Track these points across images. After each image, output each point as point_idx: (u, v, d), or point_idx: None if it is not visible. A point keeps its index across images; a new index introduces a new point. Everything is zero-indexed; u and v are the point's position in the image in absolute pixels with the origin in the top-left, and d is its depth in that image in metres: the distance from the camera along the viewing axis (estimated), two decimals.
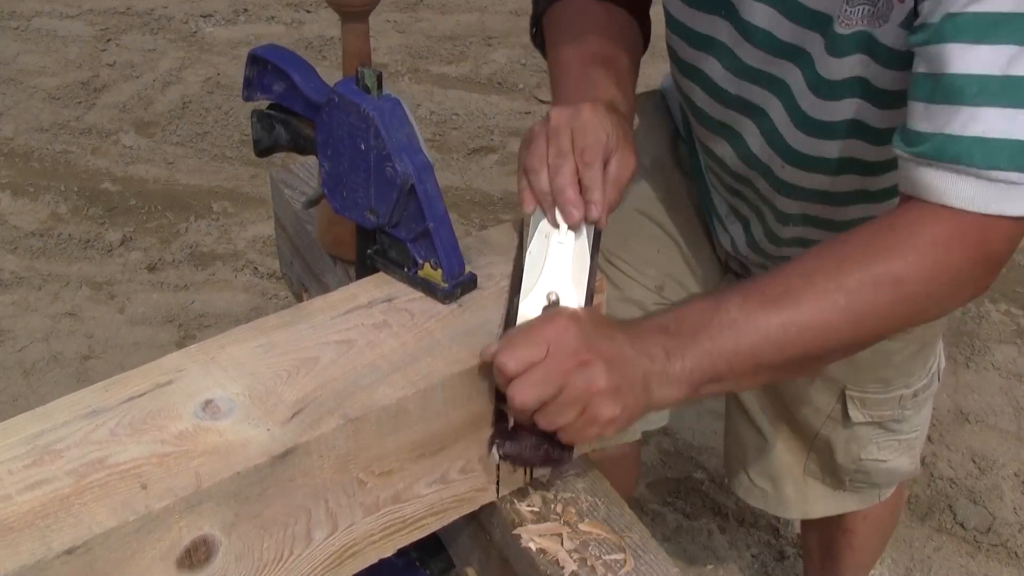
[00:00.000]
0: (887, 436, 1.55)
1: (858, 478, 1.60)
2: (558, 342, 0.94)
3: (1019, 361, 2.73)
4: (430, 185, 1.04)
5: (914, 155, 0.98)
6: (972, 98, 0.94)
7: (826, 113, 1.16)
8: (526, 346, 0.94)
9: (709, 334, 0.97)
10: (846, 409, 1.51)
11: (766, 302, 0.98)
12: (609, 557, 1.03)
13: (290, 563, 0.95)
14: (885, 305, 0.98)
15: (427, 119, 3.62)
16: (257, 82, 1.11)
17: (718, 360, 0.97)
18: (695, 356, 0.97)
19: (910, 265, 0.97)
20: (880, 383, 1.48)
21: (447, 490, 1.04)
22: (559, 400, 0.94)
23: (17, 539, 0.80)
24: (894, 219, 1.00)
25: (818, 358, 1.03)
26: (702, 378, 0.98)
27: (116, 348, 2.76)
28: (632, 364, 0.96)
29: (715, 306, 0.99)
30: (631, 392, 0.95)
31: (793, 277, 1.00)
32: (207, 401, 0.93)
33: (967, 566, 2.27)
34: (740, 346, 0.97)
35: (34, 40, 4.03)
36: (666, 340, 0.98)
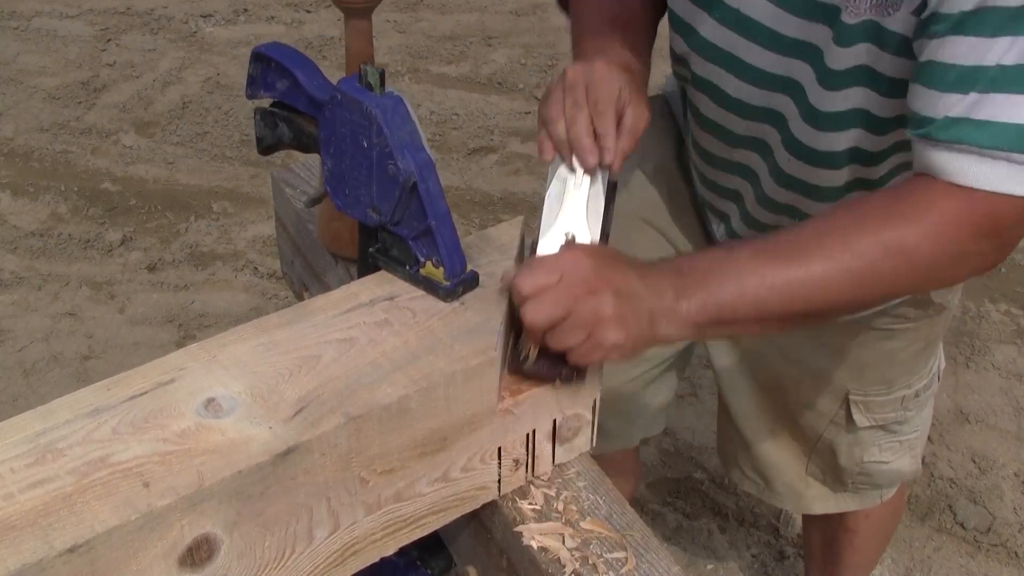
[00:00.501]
0: (889, 438, 1.55)
1: (860, 480, 1.61)
2: (571, 270, 1.00)
3: (1019, 361, 2.73)
4: (432, 183, 1.04)
5: (922, 136, 1.02)
6: (985, 86, 0.98)
7: (833, 104, 1.17)
8: (541, 272, 1.01)
9: (718, 279, 1.02)
10: (850, 413, 1.51)
11: (776, 256, 1.03)
12: (610, 556, 1.03)
13: (292, 562, 0.94)
14: (890, 270, 1.02)
15: (427, 119, 3.62)
16: (260, 80, 1.11)
17: (723, 305, 1.02)
18: (701, 298, 1.02)
19: (919, 235, 1.01)
20: (883, 384, 1.49)
21: (448, 488, 1.04)
22: (567, 322, 0.99)
23: (19, 537, 0.80)
24: (907, 191, 1.04)
25: (820, 314, 1.08)
26: (707, 320, 1.02)
27: (116, 348, 2.76)
28: (640, 298, 1.01)
29: (727, 255, 1.05)
30: (636, 323, 1.00)
31: (805, 235, 1.05)
32: (209, 399, 0.93)
33: (967, 566, 2.27)
34: (746, 295, 1.02)
35: (34, 40, 4.03)
36: (676, 280, 1.03)
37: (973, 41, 0.97)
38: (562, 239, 1.12)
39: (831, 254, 1.02)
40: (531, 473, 1.10)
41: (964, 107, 0.99)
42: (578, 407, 1.09)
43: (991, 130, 0.98)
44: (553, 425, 1.08)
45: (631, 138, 1.16)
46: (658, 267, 1.05)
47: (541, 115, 1.17)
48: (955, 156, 1.00)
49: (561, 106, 1.15)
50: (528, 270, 1.02)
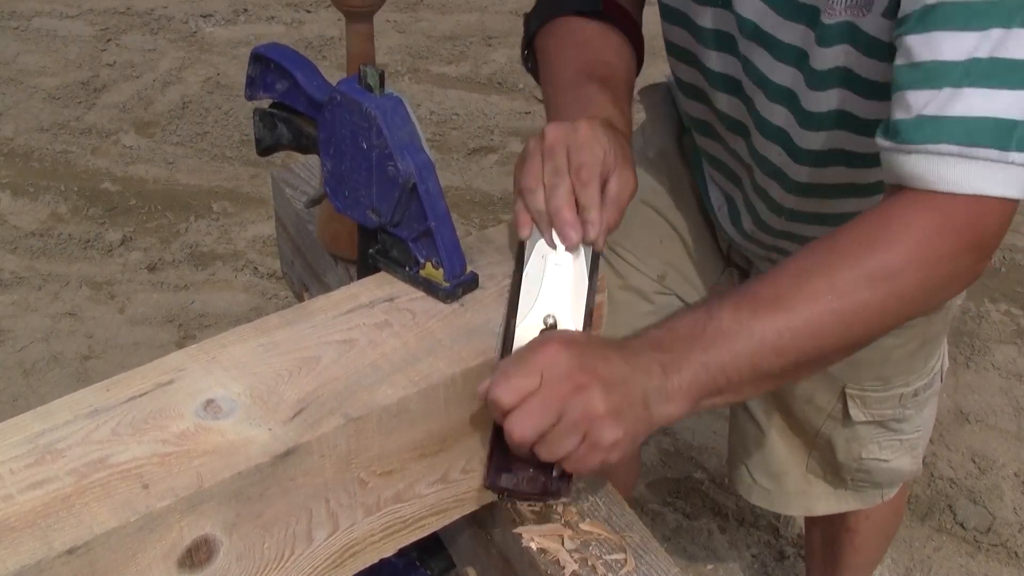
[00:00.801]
0: (888, 436, 1.55)
1: (860, 477, 1.60)
2: (552, 368, 0.91)
3: (1019, 361, 2.73)
4: (432, 184, 1.04)
5: (896, 144, 0.97)
6: (957, 80, 0.93)
7: (816, 104, 1.16)
8: (519, 376, 0.91)
9: (703, 345, 0.94)
10: (847, 408, 1.51)
11: (758, 308, 0.96)
12: (610, 557, 1.03)
13: (291, 563, 0.94)
14: (878, 302, 0.96)
15: (427, 119, 3.62)
16: (260, 81, 1.11)
17: (715, 372, 0.94)
18: (691, 370, 0.94)
19: (901, 257, 0.95)
20: (880, 381, 1.48)
21: (448, 490, 1.04)
22: (558, 428, 0.91)
23: (18, 539, 0.80)
24: (882, 211, 0.99)
25: (815, 361, 1.00)
26: (700, 392, 0.95)
27: (116, 348, 2.76)
28: (630, 383, 0.92)
29: (707, 316, 0.96)
30: (632, 412, 0.92)
31: (784, 279, 0.98)
32: (208, 401, 0.93)
33: (967, 566, 2.27)
34: (736, 355, 0.94)
35: (34, 40, 4.03)
36: (661, 356, 0.95)
37: (941, 36, 0.94)
38: (542, 324, 1.02)
39: (815, 296, 0.95)
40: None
41: (938, 104, 0.94)
42: None
43: (968, 125, 0.93)
44: None
45: (616, 210, 1.06)
46: (638, 344, 0.96)
47: (517, 182, 1.08)
48: (932, 161, 0.94)
49: (540, 173, 1.05)
50: (503, 376, 0.91)
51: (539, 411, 0.90)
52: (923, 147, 0.95)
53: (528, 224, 1.06)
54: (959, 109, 0.93)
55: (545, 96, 1.26)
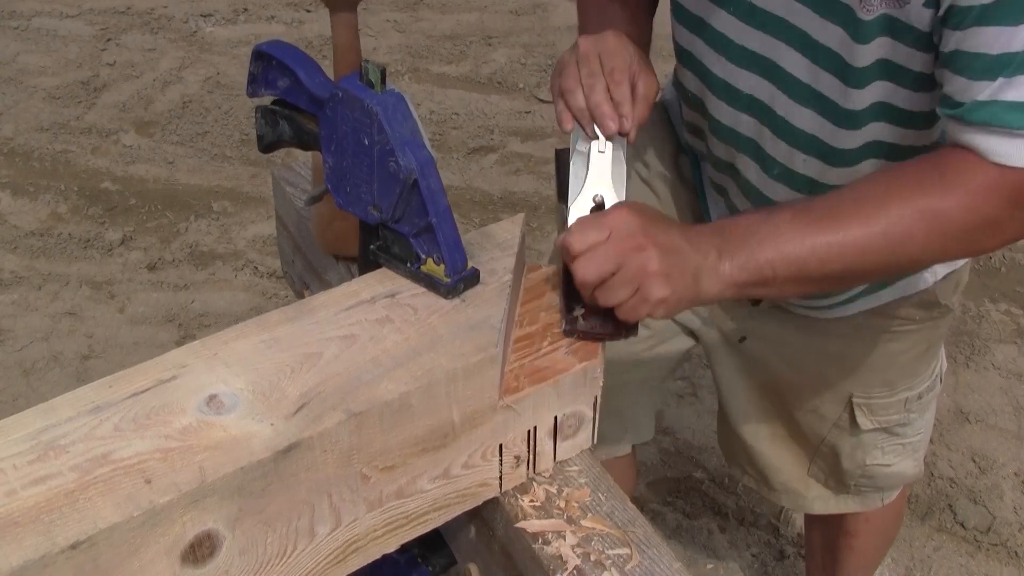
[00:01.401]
0: (892, 440, 1.56)
1: (863, 482, 1.61)
2: (619, 227, 1.05)
3: (1019, 361, 2.74)
4: (433, 180, 1.04)
5: (954, 116, 1.05)
6: (1013, 70, 1.01)
7: (854, 102, 1.18)
8: (591, 229, 1.05)
9: (759, 240, 1.06)
10: (854, 417, 1.52)
11: (814, 220, 1.07)
12: (613, 552, 1.03)
13: (293, 558, 0.95)
14: (922, 236, 1.06)
15: (427, 119, 3.62)
16: (262, 78, 1.11)
17: (764, 265, 1.06)
18: (743, 259, 1.06)
19: (953, 203, 1.05)
20: (886, 387, 1.49)
21: (450, 485, 1.04)
22: (616, 278, 1.04)
23: (22, 534, 0.80)
24: (942, 161, 1.07)
25: (855, 276, 1.13)
26: (748, 280, 1.07)
27: (116, 348, 2.76)
28: (685, 254, 1.05)
29: (767, 217, 1.08)
30: (681, 279, 1.04)
31: (843, 200, 1.08)
32: (211, 396, 0.93)
33: (967, 565, 2.27)
34: (786, 256, 1.06)
35: (34, 40, 4.03)
36: (718, 240, 1.07)
37: (997, 31, 1.00)
38: (591, 203, 1.17)
39: (868, 219, 1.06)
40: (532, 470, 1.10)
41: (992, 91, 1.02)
42: (579, 404, 1.09)
43: (1020, 111, 1.01)
44: (554, 422, 1.08)
45: (645, 105, 1.20)
46: (701, 228, 1.10)
47: (556, 87, 1.21)
48: (986, 136, 1.03)
49: (577, 77, 1.18)
50: (578, 228, 1.06)
51: (602, 259, 1.04)
52: (980, 126, 1.04)
53: (570, 120, 1.20)
54: (1013, 95, 1.01)
55: (578, 12, 1.41)
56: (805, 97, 1.21)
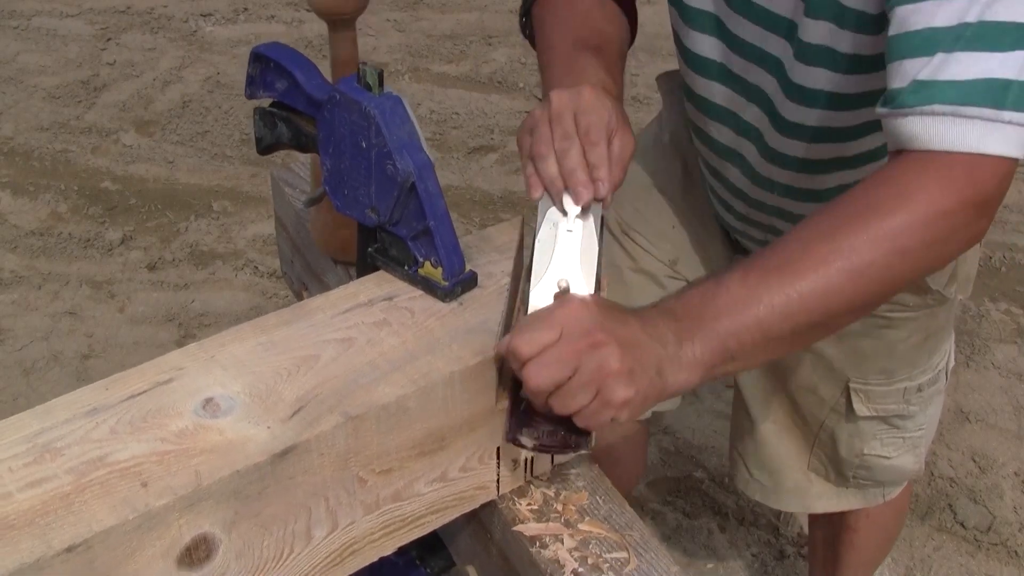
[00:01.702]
0: (891, 432, 1.55)
1: (861, 474, 1.60)
2: (571, 325, 0.95)
3: (1019, 361, 2.73)
4: (431, 183, 1.04)
5: (893, 110, 1.00)
6: (948, 45, 0.96)
7: (807, 80, 1.17)
8: (540, 329, 0.95)
9: (714, 314, 0.98)
10: (850, 402, 1.51)
11: (766, 274, 0.99)
12: (610, 555, 1.03)
13: (290, 561, 0.94)
14: (882, 261, 0.99)
15: (427, 118, 3.62)
16: (260, 80, 1.11)
17: (727, 338, 0.98)
18: (703, 338, 0.98)
19: (905, 220, 0.98)
20: (883, 374, 1.48)
21: (447, 488, 1.04)
22: (573, 382, 0.94)
23: (17, 537, 0.80)
24: (883, 174, 1.01)
25: (825, 324, 1.03)
26: (713, 359, 0.98)
27: (116, 347, 2.76)
28: (645, 348, 0.96)
29: (716, 285, 1.00)
30: (644, 375, 0.95)
31: (790, 246, 1.01)
32: (207, 399, 0.93)
33: (967, 565, 2.27)
34: (746, 321, 0.98)
35: (34, 39, 4.03)
36: (675, 325, 0.98)
37: (931, 5, 0.96)
38: (555, 288, 1.06)
39: (822, 259, 0.98)
40: (530, 473, 1.10)
41: (931, 68, 0.97)
42: None
43: (961, 88, 0.96)
44: None
45: (620, 168, 1.10)
46: (653, 313, 1.01)
47: (526, 149, 1.10)
48: (928, 122, 0.97)
49: (550, 140, 1.08)
50: (525, 329, 0.96)
51: (555, 362, 0.93)
52: (918, 109, 0.97)
53: (539, 187, 1.09)
54: (951, 72, 0.96)
55: (541, 64, 1.28)
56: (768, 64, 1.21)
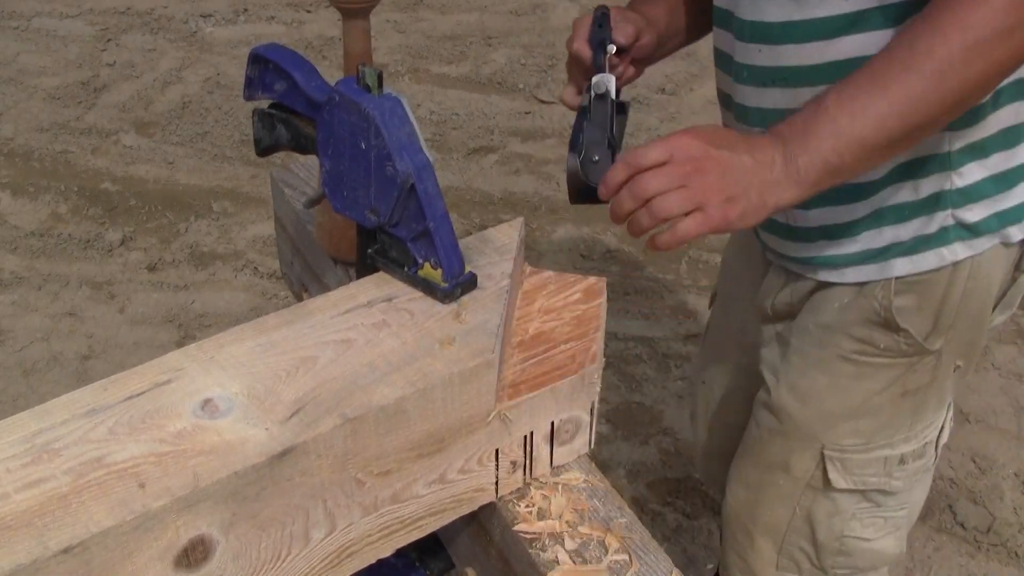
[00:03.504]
0: (872, 510, 1.47)
1: (839, 563, 1.51)
2: (681, 150, 1.08)
3: (1019, 361, 2.73)
4: (430, 184, 1.04)
5: None
6: None
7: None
8: (654, 150, 1.08)
9: (816, 132, 1.08)
10: (826, 474, 1.44)
11: (858, 91, 1.08)
12: (609, 558, 1.03)
13: (288, 563, 0.94)
14: (960, 56, 1.05)
15: (427, 119, 3.62)
16: (259, 81, 1.11)
17: (829, 155, 1.08)
18: (807, 157, 1.08)
19: (974, 11, 1.04)
20: (859, 437, 1.42)
21: (446, 490, 1.04)
22: (675, 193, 1.07)
23: (14, 538, 0.80)
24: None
25: (918, 127, 1.10)
26: (819, 176, 1.09)
27: (116, 348, 2.76)
28: (749, 173, 1.08)
29: (817, 107, 1.10)
30: (745, 198, 1.08)
31: (878, 61, 1.09)
32: (206, 400, 0.93)
33: (967, 566, 2.27)
34: (845, 138, 1.08)
35: (34, 40, 4.03)
36: (782, 148, 1.09)
37: None
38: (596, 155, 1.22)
39: (904, 66, 1.06)
40: (529, 475, 1.10)
41: None
42: (576, 409, 1.09)
43: None
44: (551, 427, 1.08)
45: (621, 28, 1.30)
46: (762, 140, 1.11)
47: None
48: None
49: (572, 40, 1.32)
50: (642, 149, 1.09)
51: (665, 176, 1.07)
52: None
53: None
54: None
55: None
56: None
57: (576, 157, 1.20)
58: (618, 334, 2.82)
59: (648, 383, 2.71)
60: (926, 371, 1.38)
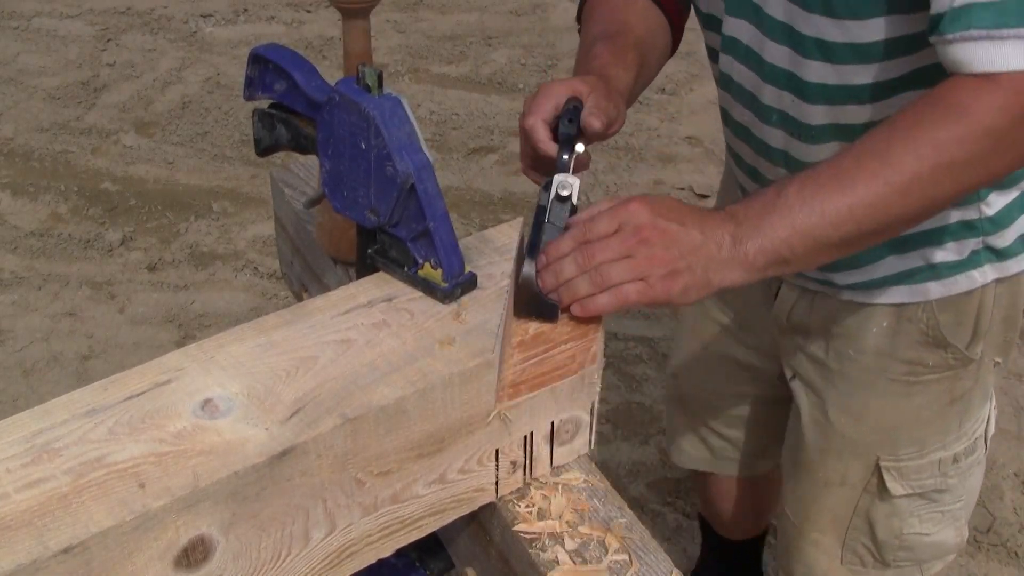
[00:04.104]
0: (930, 507, 1.48)
1: (901, 556, 1.52)
2: (628, 220, 1.07)
3: (1019, 361, 2.73)
4: (430, 184, 1.04)
5: (938, 36, 1.05)
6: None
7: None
8: (600, 221, 1.07)
9: (771, 220, 1.06)
10: (883, 482, 1.45)
11: (819, 186, 1.06)
12: (609, 558, 1.03)
13: (288, 563, 0.94)
14: (929, 175, 1.04)
15: (427, 119, 3.62)
16: (259, 81, 1.10)
17: (780, 244, 1.06)
18: (758, 241, 1.06)
19: (955, 133, 1.03)
20: (914, 446, 1.43)
21: (446, 490, 1.04)
22: (620, 263, 1.05)
23: (14, 538, 0.80)
24: (933, 93, 1.06)
25: (874, 231, 1.09)
26: (765, 261, 1.07)
27: (116, 348, 2.76)
28: (696, 248, 1.06)
29: (776, 194, 1.08)
30: (690, 272, 1.06)
31: (845, 160, 1.08)
32: (206, 400, 0.93)
33: (967, 566, 2.27)
34: (799, 229, 1.06)
35: (34, 40, 4.03)
36: (733, 227, 1.07)
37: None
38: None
39: (872, 172, 1.04)
40: (529, 475, 1.10)
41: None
42: (576, 409, 1.09)
43: (995, 9, 1.00)
44: (551, 427, 1.08)
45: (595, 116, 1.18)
46: (715, 217, 1.09)
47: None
48: (969, 46, 1.02)
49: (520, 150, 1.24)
50: (590, 221, 1.08)
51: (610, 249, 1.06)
52: (959, 36, 1.02)
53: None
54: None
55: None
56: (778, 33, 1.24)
57: (533, 264, 1.11)
58: (618, 334, 2.82)
59: (648, 383, 2.71)
60: (970, 376, 1.41)
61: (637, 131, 3.56)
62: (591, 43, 1.33)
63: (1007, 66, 1.01)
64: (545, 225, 1.14)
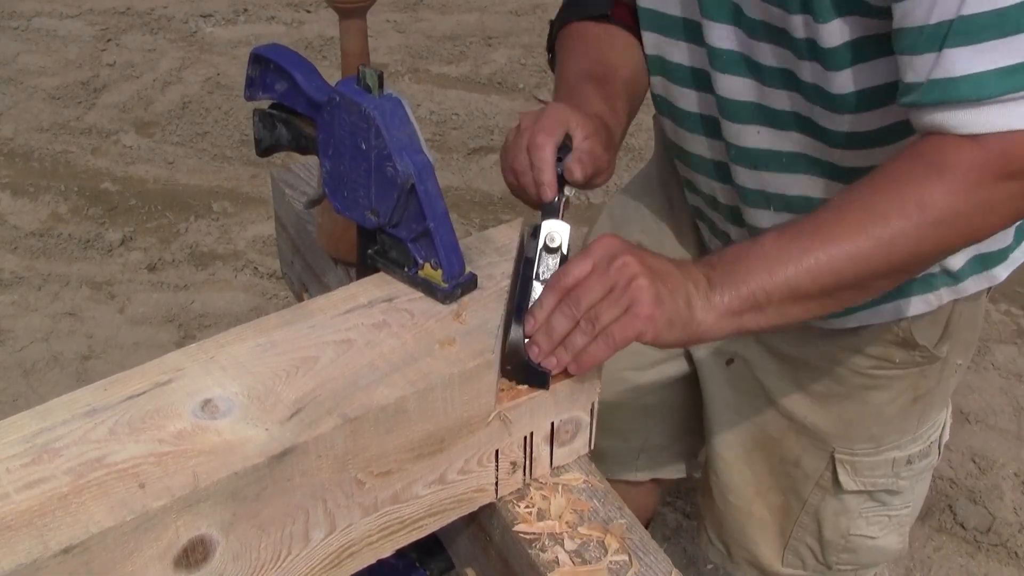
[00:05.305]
0: (878, 509, 1.49)
1: (843, 559, 1.53)
2: (601, 254, 1.01)
3: (1019, 361, 2.73)
4: (431, 185, 1.04)
5: (911, 103, 1.03)
6: (953, 40, 0.99)
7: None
8: (575, 265, 1.02)
9: (746, 267, 1.03)
10: (836, 475, 1.45)
11: (799, 236, 1.04)
12: (609, 558, 1.03)
13: (288, 563, 0.94)
14: (913, 230, 1.01)
15: (427, 119, 3.62)
16: (259, 81, 1.10)
17: (756, 291, 1.02)
18: (733, 286, 1.02)
19: (939, 191, 1.01)
20: (870, 441, 1.43)
21: (446, 491, 1.04)
22: (605, 300, 1.00)
23: (14, 538, 0.80)
24: (919, 151, 1.04)
25: (855, 286, 1.06)
26: (742, 307, 1.03)
27: (116, 348, 2.76)
28: (675, 279, 1.02)
29: (753, 243, 1.06)
30: (672, 300, 1.01)
31: (827, 212, 1.05)
32: (206, 400, 0.93)
33: (967, 566, 2.27)
34: (775, 278, 1.02)
35: (34, 40, 4.03)
36: (708, 271, 1.04)
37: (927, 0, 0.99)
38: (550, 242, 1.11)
39: (854, 225, 1.02)
40: (529, 475, 1.10)
41: (941, 67, 0.99)
42: (576, 410, 1.09)
43: (971, 82, 0.98)
44: (551, 428, 1.08)
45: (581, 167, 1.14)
46: (690, 262, 1.07)
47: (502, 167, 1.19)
48: (948, 113, 1.00)
49: (512, 154, 1.16)
50: (560, 271, 1.03)
51: (590, 290, 1.00)
52: (940, 106, 1.01)
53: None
54: (961, 68, 0.99)
55: (553, 96, 1.32)
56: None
57: (521, 329, 1.03)
58: None
59: None
60: (935, 374, 1.41)
61: (637, 131, 3.56)
62: (576, 80, 1.28)
63: (992, 127, 0.99)
64: (535, 284, 1.08)
